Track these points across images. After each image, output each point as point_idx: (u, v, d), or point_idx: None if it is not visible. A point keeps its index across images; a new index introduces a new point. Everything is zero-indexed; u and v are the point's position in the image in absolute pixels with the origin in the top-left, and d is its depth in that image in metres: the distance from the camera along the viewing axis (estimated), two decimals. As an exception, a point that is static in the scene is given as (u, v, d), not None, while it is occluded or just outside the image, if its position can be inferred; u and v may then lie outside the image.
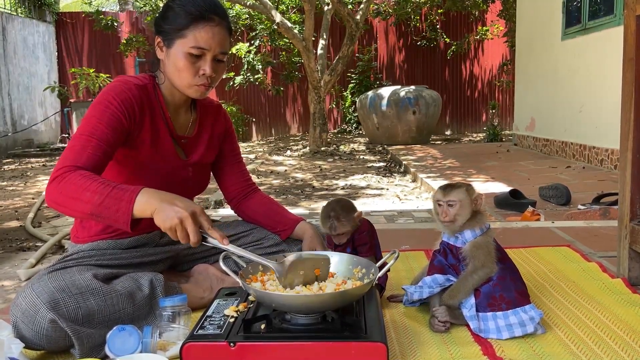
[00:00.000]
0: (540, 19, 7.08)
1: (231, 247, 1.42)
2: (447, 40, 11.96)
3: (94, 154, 1.50)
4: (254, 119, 12.15)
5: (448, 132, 12.14)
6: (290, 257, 1.46)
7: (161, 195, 1.41)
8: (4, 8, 10.51)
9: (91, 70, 10.21)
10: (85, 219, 1.53)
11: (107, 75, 10.38)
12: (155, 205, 1.38)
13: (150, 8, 11.16)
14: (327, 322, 1.39)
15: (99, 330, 1.43)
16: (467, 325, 1.54)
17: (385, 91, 9.26)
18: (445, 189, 1.61)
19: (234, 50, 10.26)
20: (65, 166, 1.47)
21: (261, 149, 9.93)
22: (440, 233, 1.66)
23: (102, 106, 1.56)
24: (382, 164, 7.51)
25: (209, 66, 1.61)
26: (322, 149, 8.99)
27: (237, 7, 10.59)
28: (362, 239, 1.73)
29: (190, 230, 1.37)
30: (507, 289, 1.53)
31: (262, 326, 1.36)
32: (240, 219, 2.00)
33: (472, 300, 1.52)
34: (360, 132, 11.57)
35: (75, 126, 10.15)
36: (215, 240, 1.41)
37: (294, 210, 3.92)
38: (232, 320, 1.40)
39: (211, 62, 1.61)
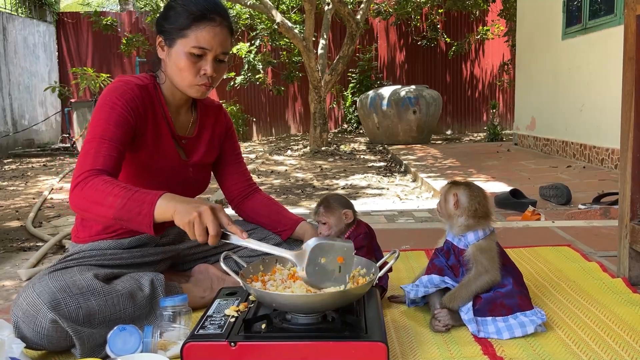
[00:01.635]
0: (541, 18, 7.07)
1: (252, 242, 1.39)
2: (448, 40, 11.96)
3: (109, 155, 1.52)
4: (254, 119, 12.16)
5: (449, 132, 12.14)
6: (309, 244, 1.39)
7: (181, 198, 1.42)
8: (5, 8, 10.52)
9: (91, 70, 10.22)
10: (109, 224, 1.55)
11: (108, 75, 10.39)
12: (174, 207, 1.39)
13: (151, 8, 11.16)
14: (328, 321, 1.39)
15: (99, 330, 1.43)
16: (468, 325, 1.54)
17: (386, 91, 9.26)
18: (448, 183, 1.63)
19: (234, 50, 10.27)
20: (85, 171, 1.48)
21: (262, 149, 9.93)
22: (445, 232, 1.65)
23: (108, 107, 1.57)
24: (382, 163, 7.51)
25: (210, 66, 1.61)
26: (323, 148, 8.99)
27: (238, 6, 10.59)
28: (358, 242, 1.73)
29: (209, 222, 1.35)
30: (510, 295, 1.53)
31: (263, 326, 1.36)
32: (241, 218, 2.00)
33: (470, 304, 1.52)
34: (361, 131, 11.57)
35: (75, 126, 10.15)
36: (234, 235, 1.38)
37: (295, 210, 3.91)
38: (232, 320, 1.41)
39: (212, 62, 1.62)
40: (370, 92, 9.56)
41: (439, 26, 12.02)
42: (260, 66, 10.91)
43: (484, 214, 1.57)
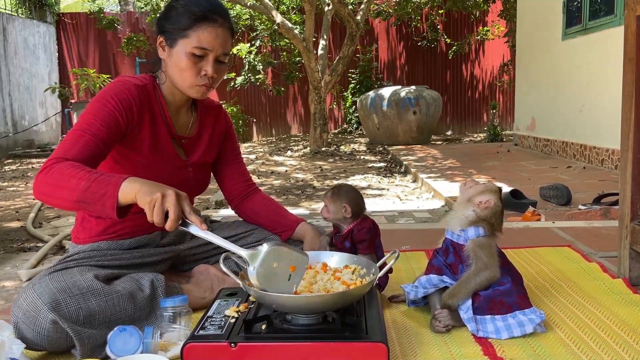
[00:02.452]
0: (541, 19, 7.08)
1: (208, 235, 1.38)
2: (448, 40, 11.96)
3: (85, 148, 1.49)
4: (254, 119, 12.16)
5: (449, 132, 12.14)
6: (265, 246, 1.37)
7: (148, 181, 1.40)
8: (5, 9, 10.52)
9: (92, 71, 10.22)
10: (72, 208, 1.51)
11: (108, 75, 10.39)
12: (138, 187, 1.36)
13: (151, 8, 11.16)
14: (328, 322, 1.39)
15: (100, 330, 1.43)
16: (468, 326, 1.54)
17: (386, 91, 9.26)
18: (484, 184, 1.64)
19: (234, 50, 10.27)
20: (53, 158, 1.46)
21: (262, 149, 9.94)
22: (444, 231, 1.66)
23: (100, 104, 1.57)
24: (382, 164, 7.51)
25: (211, 67, 1.61)
26: (323, 149, 8.99)
27: (238, 7, 10.59)
28: (361, 236, 1.74)
29: (171, 206, 1.33)
30: (508, 294, 1.53)
31: (263, 326, 1.36)
32: (241, 219, 2.00)
33: (469, 302, 1.52)
34: (361, 132, 11.57)
35: (76, 127, 10.16)
36: (193, 225, 1.37)
37: (295, 211, 3.92)
38: (232, 320, 1.41)
39: (213, 62, 1.62)
40: (371, 93, 9.56)
41: (439, 27, 12.03)
42: (261, 67, 10.92)
43: (490, 226, 1.58)
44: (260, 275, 1.35)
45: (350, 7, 10.03)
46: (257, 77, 10.99)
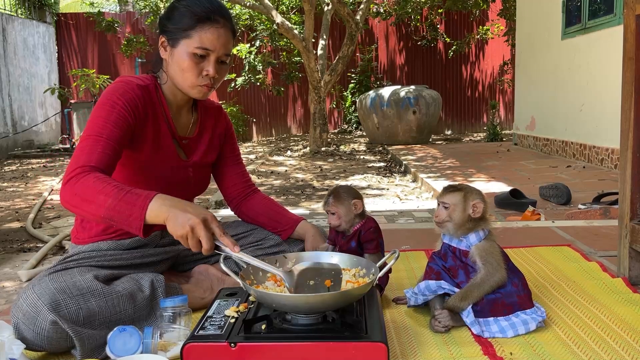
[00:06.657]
0: (541, 18, 7.08)
1: (243, 255, 1.41)
2: (448, 40, 11.96)
3: (104, 152, 1.51)
4: (254, 119, 12.16)
5: (448, 132, 12.14)
6: (299, 266, 1.43)
7: (173, 202, 1.40)
8: (4, 9, 10.52)
9: (91, 71, 10.21)
10: (99, 222, 1.53)
11: (107, 76, 10.39)
12: (167, 213, 1.38)
13: (151, 9, 11.16)
14: (328, 322, 1.39)
15: (100, 331, 1.43)
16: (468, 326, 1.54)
17: (386, 91, 9.26)
18: (446, 189, 1.61)
19: (235, 51, 10.27)
20: (78, 167, 1.47)
21: (261, 149, 9.93)
22: (440, 234, 1.65)
23: (108, 106, 1.57)
24: (382, 164, 7.51)
25: (212, 67, 1.62)
26: (323, 149, 8.99)
27: (238, 7, 10.59)
28: (369, 236, 1.73)
29: (202, 237, 1.36)
30: (509, 295, 1.53)
31: (263, 326, 1.36)
32: (240, 219, 2.00)
33: (469, 307, 1.52)
34: (361, 132, 11.57)
35: (75, 127, 10.17)
36: (226, 248, 1.40)
37: (295, 211, 3.91)
38: (232, 320, 1.41)
39: (215, 63, 1.62)
40: (370, 93, 9.56)
41: (438, 26, 12.03)
42: (261, 67, 10.92)
43: (485, 216, 1.58)
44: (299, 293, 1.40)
45: (349, 6, 10.03)
46: (257, 77, 10.99)
